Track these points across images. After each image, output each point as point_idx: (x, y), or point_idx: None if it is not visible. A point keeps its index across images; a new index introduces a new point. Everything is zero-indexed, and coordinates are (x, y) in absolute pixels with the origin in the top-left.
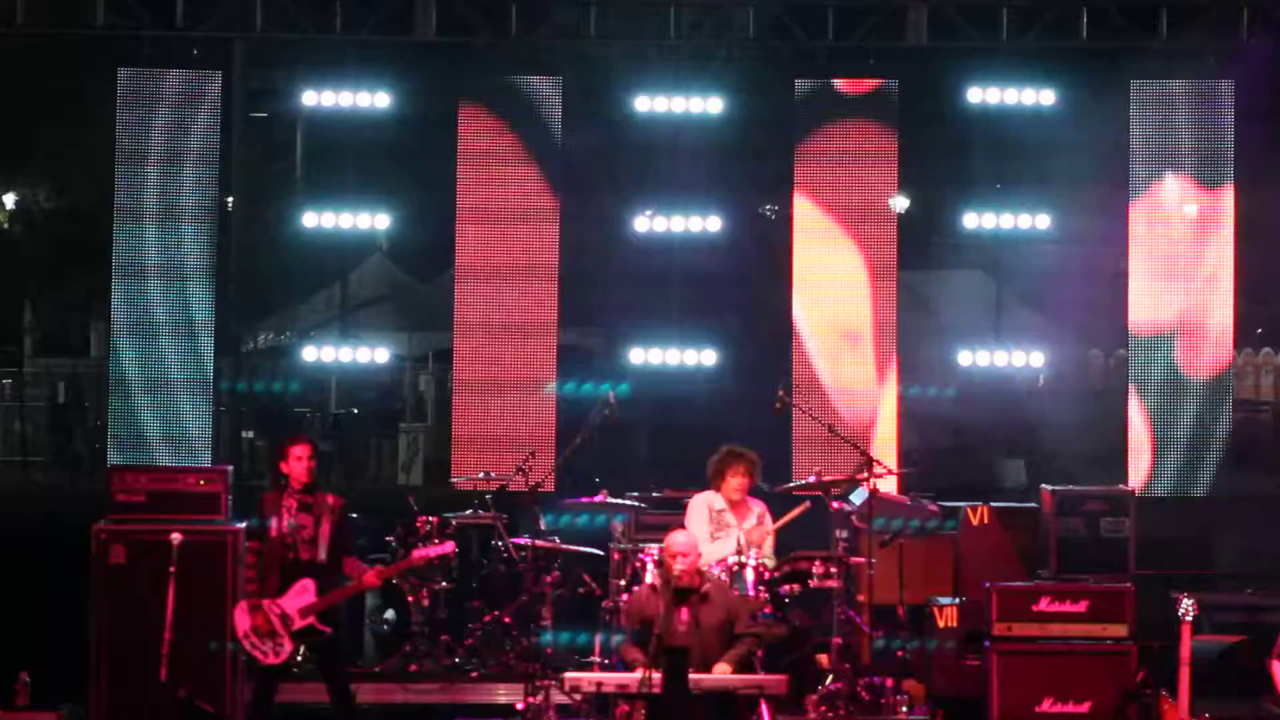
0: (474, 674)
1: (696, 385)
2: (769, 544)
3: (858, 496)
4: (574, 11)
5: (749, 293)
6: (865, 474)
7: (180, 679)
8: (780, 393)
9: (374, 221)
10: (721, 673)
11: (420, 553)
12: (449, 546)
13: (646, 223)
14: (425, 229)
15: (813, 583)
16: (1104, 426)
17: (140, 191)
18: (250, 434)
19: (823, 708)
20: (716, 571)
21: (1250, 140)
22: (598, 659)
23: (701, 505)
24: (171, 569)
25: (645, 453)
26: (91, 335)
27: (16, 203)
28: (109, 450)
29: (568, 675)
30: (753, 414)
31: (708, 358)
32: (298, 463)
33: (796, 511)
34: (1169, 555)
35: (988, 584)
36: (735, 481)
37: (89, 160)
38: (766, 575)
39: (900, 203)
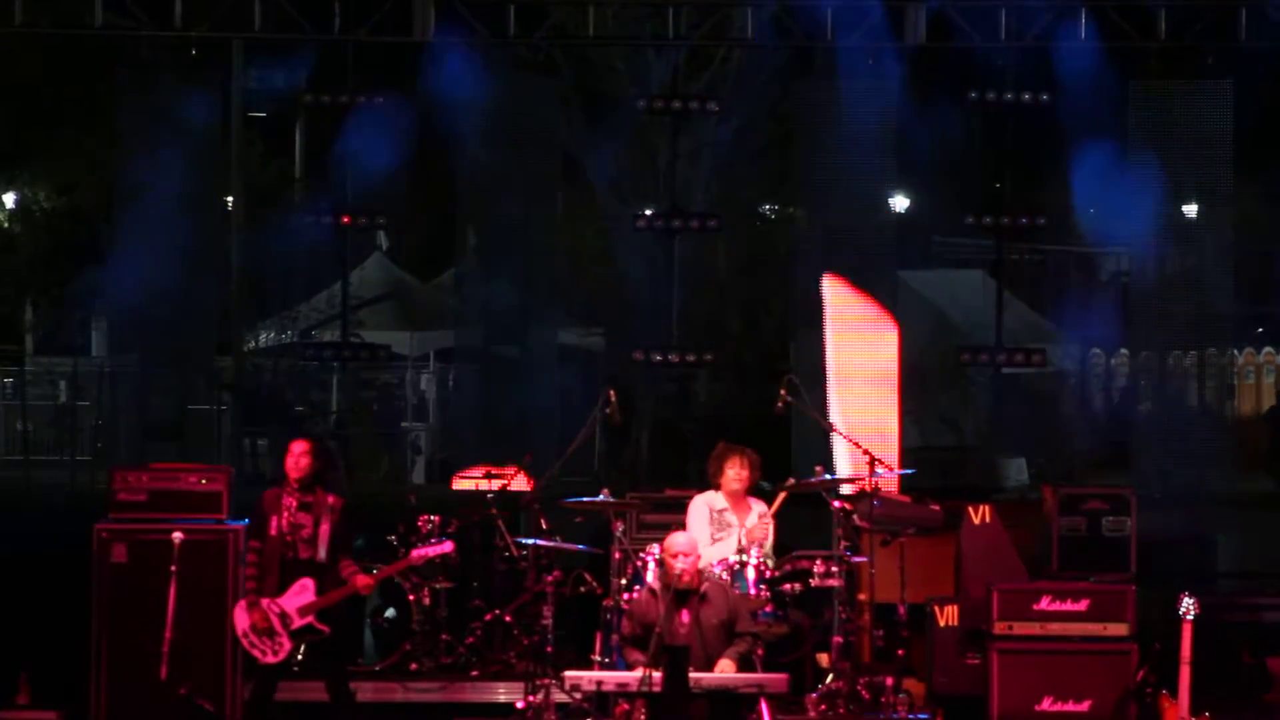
0: (474, 673)
1: (697, 385)
2: (770, 542)
3: (858, 495)
4: (574, 11)
5: (749, 292)
6: (866, 473)
7: (180, 678)
8: (782, 392)
9: (374, 222)
10: (724, 669)
11: (419, 552)
12: (448, 546)
13: (646, 222)
14: (425, 229)
15: (814, 582)
16: (1106, 425)
17: (140, 191)
18: (251, 434)
19: (823, 706)
20: (718, 571)
21: (1249, 140)
22: (598, 658)
23: (702, 506)
24: (172, 568)
25: (646, 452)
26: (92, 335)
27: (16, 203)
28: (109, 450)
29: (568, 674)
30: (753, 414)
31: (708, 357)
32: (291, 458)
33: (782, 498)
34: (1170, 554)
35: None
36: (733, 472)
37: (89, 160)
38: (767, 574)
39: (899, 203)
